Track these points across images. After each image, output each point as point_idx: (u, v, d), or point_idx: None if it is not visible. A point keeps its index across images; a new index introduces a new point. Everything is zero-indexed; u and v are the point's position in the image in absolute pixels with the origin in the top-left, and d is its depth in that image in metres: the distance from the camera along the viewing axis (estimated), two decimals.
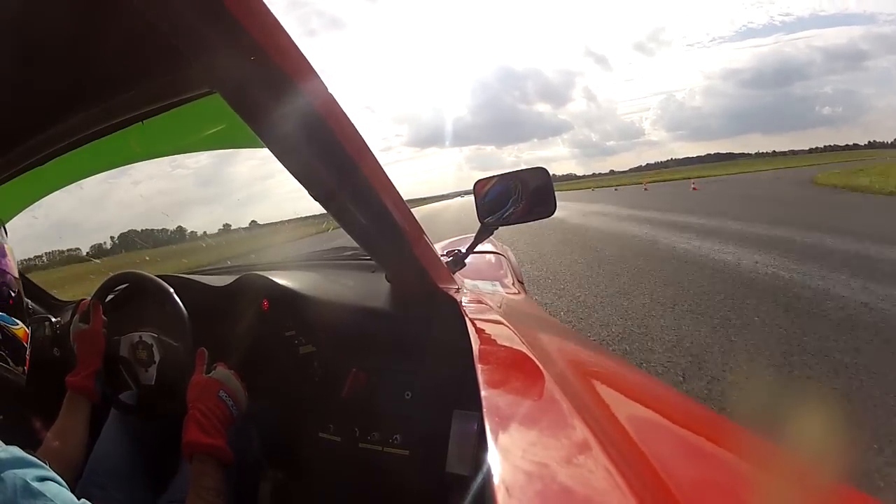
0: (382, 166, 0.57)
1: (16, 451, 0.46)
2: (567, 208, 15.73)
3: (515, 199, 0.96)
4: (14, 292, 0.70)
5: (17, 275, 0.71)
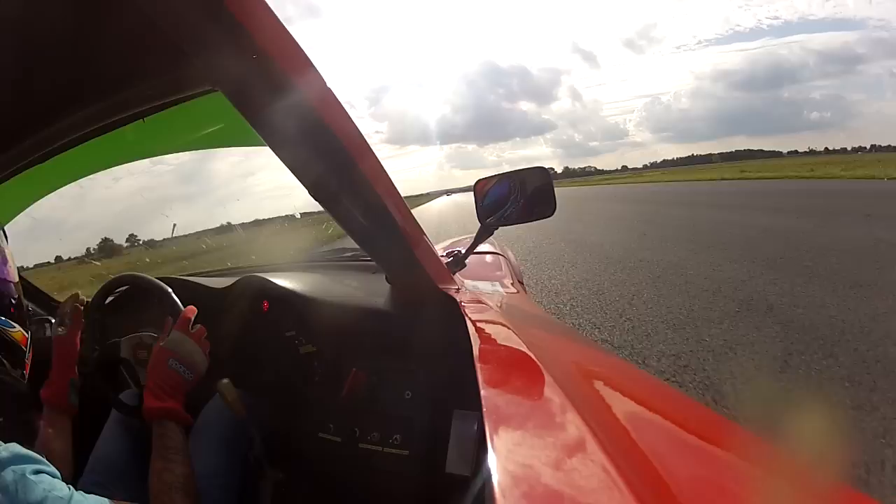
0: (383, 166, 0.57)
1: (15, 448, 0.48)
2: None
3: (515, 199, 0.96)
4: (14, 298, 0.70)
5: (17, 279, 0.71)
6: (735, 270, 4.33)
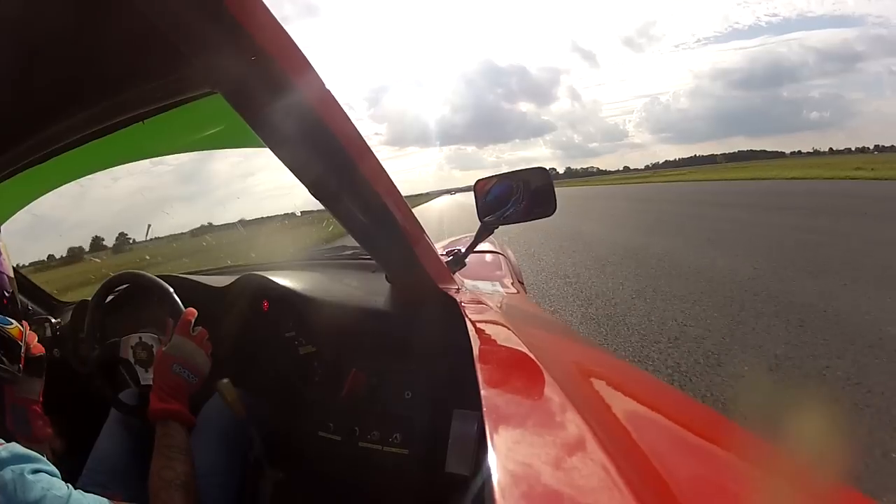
0: (383, 166, 0.57)
1: (14, 447, 0.49)
2: None
3: (516, 199, 0.96)
4: (8, 292, 0.70)
5: (11, 274, 0.72)
6: None
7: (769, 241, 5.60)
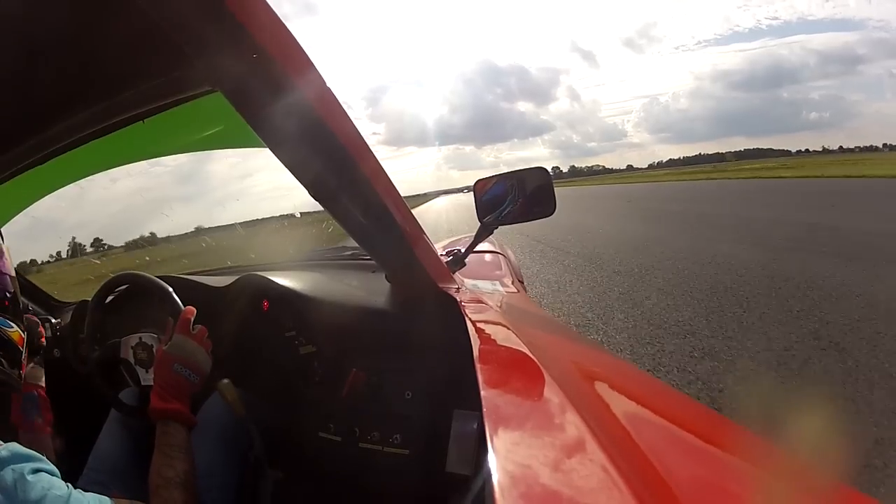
0: (383, 166, 0.57)
1: (14, 447, 0.49)
2: None
3: (514, 198, 0.96)
4: (10, 293, 0.70)
5: (13, 273, 0.71)
6: None
7: None
